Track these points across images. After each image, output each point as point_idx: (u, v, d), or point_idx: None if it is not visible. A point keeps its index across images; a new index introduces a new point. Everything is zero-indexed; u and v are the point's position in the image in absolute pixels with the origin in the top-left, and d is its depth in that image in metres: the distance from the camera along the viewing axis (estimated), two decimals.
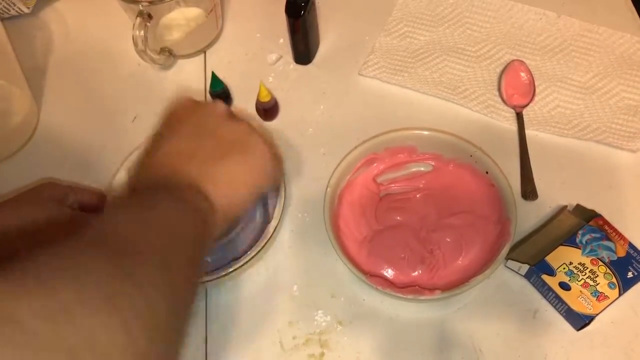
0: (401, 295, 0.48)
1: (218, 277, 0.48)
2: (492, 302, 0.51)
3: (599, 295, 0.48)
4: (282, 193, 0.52)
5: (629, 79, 0.61)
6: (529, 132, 0.59)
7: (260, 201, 0.55)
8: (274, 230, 0.51)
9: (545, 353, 0.49)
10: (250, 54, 0.67)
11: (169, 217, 0.36)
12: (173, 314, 0.30)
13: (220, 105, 0.46)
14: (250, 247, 0.51)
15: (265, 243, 0.50)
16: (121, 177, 0.54)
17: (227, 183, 0.41)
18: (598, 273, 0.49)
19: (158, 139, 0.44)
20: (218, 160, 0.42)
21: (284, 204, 0.52)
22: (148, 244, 0.32)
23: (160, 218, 0.36)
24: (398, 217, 0.54)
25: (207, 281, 0.48)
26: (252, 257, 0.49)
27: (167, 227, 0.35)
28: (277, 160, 0.45)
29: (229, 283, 0.53)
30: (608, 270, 0.49)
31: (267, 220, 0.53)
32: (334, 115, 0.62)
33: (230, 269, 0.49)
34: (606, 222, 0.51)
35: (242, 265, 0.49)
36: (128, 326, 0.25)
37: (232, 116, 0.45)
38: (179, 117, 0.45)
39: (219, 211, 0.40)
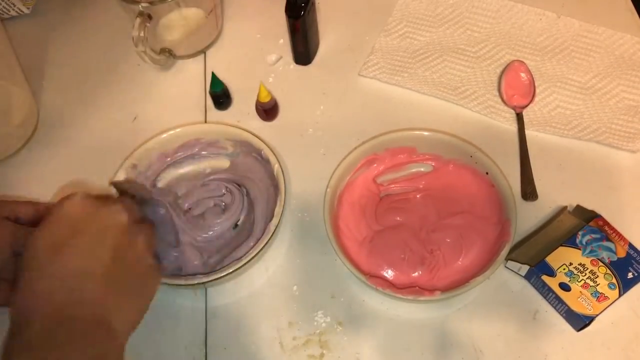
0: (401, 296, 0.48)
1: (218, 278, 0.48)
2: (492, 302, 0.51)
3: (599, 296, 0.48)
4: (282, 193, 0.52)
5: (629, 80, 0.61)
6: (529, 133, 0.59)
7: (264, 196, 0.55)
8: (275, 229, 0.51)
9: (546, 354, 0.49)
10: (250, 54, 0.67)
11: None
12: None
13: (123, 214, 0.41)
14: (251, 247, 0.51)
15: (266, 244, 0.50)
16: (121, 177, 0.54)
17: (134, 311, 0.40)
18: (598, 274, 0.49)
19: (55, 245, 0.38)
20: (121, 287, 0.39)
21: (284, 203, 0.52)
22: None
23: None
24: (398, 218, 0.54)
25: (208, 282, 0.48)
26: (253, 258, 0.49)
27: None
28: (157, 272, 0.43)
29: (228, 283, 0.53)
30: (608, 271, 0.49)
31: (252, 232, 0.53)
32: (334, 116, 0.62)
33: (231, 270, 0.49)
34: (606, 223, 0.51)
35: (243, 265, 0.49)
36: None
37: (133, 224, 0.42)
38: (76, 221, 0.40)
39: (124, 341, 0.38)
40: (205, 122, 0.62)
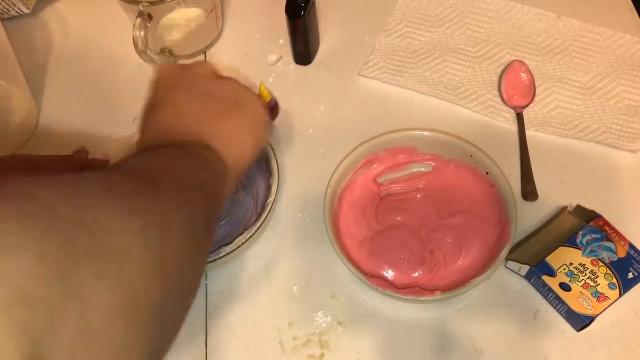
0: (401, 296, 0.48)
1: (216, 259, 0.48)
2: (493, 302, 0.51)
3: (599, 296, 0.48)
4: (275, 181, 0.52)
5: (629, 80, 0.61)
6: (529, 133, 0.59)
7: (259, 174, 0.55)
8: (271, 207, 0.51)
9: (546, 354, 0.49)
10: (250, 54, 0.67)
11: (185, 161, 0.38)
12: (187, 231, 0.33)
13: (205, 65, 0.47)
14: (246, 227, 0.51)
15: (253, 233, 0.50)
16: None
17: (233, 139, 0.43)
18: (598, 274, 0.49)
19: (154, 105, 0.45)
20: (220, 118, 0.43)
21: (275, 195, 0.52)
22: (168, 175, 0.35)
23: (177, 159, 0.38)
24: (398, 218, 0.54)
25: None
26: (237, 248, 0.49)
27: (184, 167, 0.37)
28: (265, 112, 0.47)
29: (228, 283, 0.53)
30: (608, 271, 0.49)
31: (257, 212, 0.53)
32: (334, 116, 0.62)
33: (234, 247, 0.48)
34: (606, 223, 0.51)
35: (225, 255, 0.49)
36: (145, 230, 0.28)
37: (219, 74, 0.47)
38: (169, 83, 0.46)
39: (229, 165, 0.41)
40: None
